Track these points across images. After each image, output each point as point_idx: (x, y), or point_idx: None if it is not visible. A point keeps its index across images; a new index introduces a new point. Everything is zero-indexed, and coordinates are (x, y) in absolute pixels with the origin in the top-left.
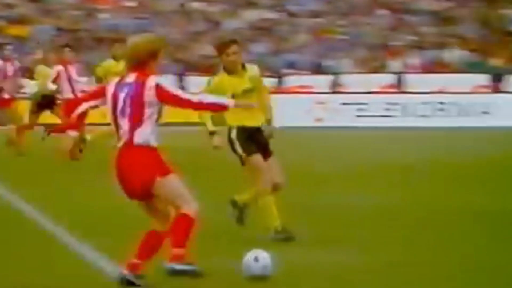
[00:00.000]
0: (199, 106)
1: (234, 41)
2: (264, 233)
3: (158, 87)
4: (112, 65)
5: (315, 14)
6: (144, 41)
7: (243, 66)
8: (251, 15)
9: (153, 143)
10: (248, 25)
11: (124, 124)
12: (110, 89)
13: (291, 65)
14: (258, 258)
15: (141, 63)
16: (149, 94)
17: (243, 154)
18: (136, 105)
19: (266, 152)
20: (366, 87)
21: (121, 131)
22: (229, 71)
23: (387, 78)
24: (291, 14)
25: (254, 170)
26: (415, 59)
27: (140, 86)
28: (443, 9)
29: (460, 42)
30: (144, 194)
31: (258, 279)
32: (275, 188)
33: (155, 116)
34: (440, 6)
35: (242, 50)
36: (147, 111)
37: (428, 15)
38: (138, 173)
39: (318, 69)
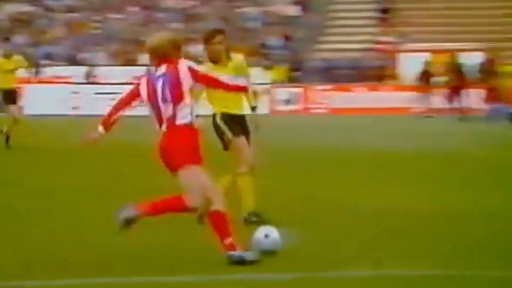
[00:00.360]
0: (228, 87)
1: (219, 31)
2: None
3: (190, 69)
4: (4, 62)
5: (71, 9)
6: (168, 37)
7: (228, 56)
8: (10, 8)
9: (194, 123)
10: (8, 18)
11: (168, 109)
12: (144, 85)
13: (48, 57)
14: (268, 235)
15: (168, 55)
16: (185, 77)
17: (230, 134)
18: (175, 90)
19: (247, 138)
20: (119, 78)
21: (165, 117)
22: (213, 59)
23: (138, 70)
24: (48, 9)
25: (237, 151)
26: None
27: (174, 72)
28: (188, 7)
29: None
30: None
31: (269, 254)
32: (252, 170)
33: (191, 97)
34: (185, 4)
35: (227, 40)
36: (186, 93)
37: (175, 12)
38: (178, 151)
39: (73, 61)
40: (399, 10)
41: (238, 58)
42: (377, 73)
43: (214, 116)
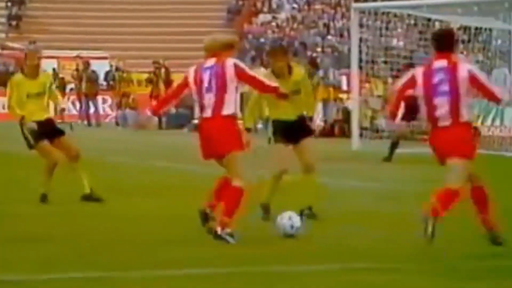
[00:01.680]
0: (269, 89)
1: (283, 49)
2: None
3: (236, 66)
4: None
5: None
6: (222, 38)
7: (290, 70)
8: None
9: (237, 114)
10: None
11: (210, 98)
12: (191, 74)
13: None
14: (291, 218)
15: (219, 53)
16: (230, 72)
17: (272, 139)
18: (220, 82)
19: (302, 135)
20: None
21: (207, 105)
22: (277, 74)
23: None
24: None
25: (273, 154)
26: None
27: (221, 66)
28: None
29: None
30: (221, 156)
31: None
32: (308, 169)
33: (236, 90)
34: None
35: (288, 57)
36: (230, 86)
37: None
38: (224, 140)
39: None
40: (30, 18)
41: (299, 71)
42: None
43: (267, 120)
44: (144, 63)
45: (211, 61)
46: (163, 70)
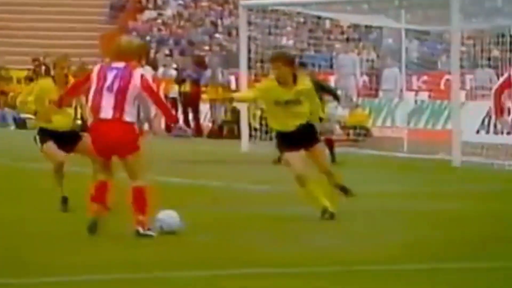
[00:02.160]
0: (163, 108)
1: (284, 56)
2: None
3: (143, 77)
4: None
5: None
6: (137, 42)
7: (295, 79)
8: None
9: (134, 120)
10: None
11: (110, 98)
12: (95, 71)
13: None
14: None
15: (129, 57)
16: (135, 82)
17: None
18: (122, 86)
19: (310, 142)
20: None
21: (105, 104)
22: (279, 82)
23: None
24: None
25: (287, 163)
26: None
27: (128, 72)
28: None
29: None
30: (112, 155)
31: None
32: (325, 172)
33: (134, 101)
34: None
35: (292, 65)
36: (130, 93)
37: None
38: (123, 143)
39: None
40: None
41: (304, 82)
42: None
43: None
44: (23, 60)
45: (120, 64)
46: (43, 67)
